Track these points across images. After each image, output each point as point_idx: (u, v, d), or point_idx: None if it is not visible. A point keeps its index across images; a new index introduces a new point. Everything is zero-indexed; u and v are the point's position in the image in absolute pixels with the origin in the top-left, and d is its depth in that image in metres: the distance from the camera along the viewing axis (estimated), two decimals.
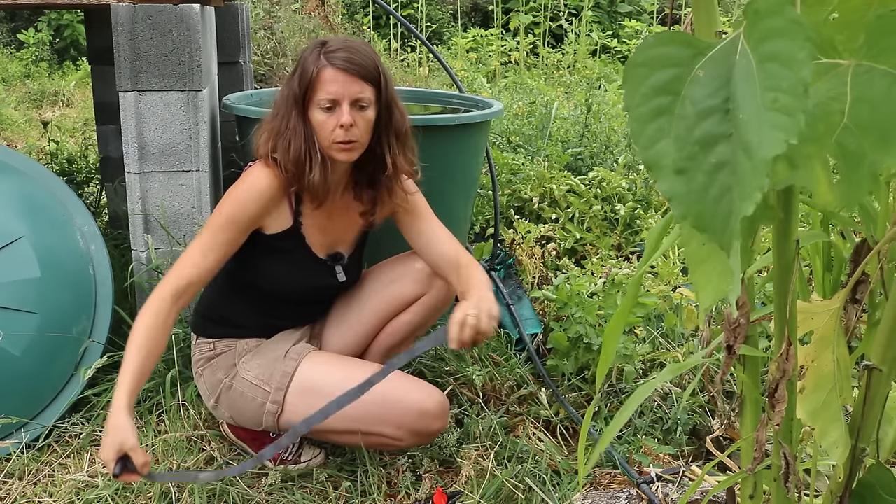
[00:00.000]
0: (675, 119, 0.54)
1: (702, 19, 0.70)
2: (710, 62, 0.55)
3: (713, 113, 0.53)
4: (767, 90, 0.49)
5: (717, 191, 0.52)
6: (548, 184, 3.43)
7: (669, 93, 0.55)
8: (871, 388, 0.85)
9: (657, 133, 0.55)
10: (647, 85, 0.55)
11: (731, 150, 0.51)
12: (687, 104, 0.54)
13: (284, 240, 1.85)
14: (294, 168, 1.77)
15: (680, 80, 0.55)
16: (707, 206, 0.52)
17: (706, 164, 0.52)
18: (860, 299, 0.86)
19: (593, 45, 7.12)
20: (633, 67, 0.56)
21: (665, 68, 0.55)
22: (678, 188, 0.54)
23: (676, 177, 0.54)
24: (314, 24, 6.05)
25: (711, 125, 0.53)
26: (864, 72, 0.51)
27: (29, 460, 1.94)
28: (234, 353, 1.90)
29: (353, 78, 1.74)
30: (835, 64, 0.53)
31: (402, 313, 2.00)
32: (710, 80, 0.54)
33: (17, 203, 2.15)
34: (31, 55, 7.85)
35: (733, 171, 0.50)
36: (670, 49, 0.56)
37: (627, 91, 0.56)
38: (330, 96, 1.74)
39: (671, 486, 1.87)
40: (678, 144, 0.54)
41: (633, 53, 0.57)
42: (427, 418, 1.80)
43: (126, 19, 2.13)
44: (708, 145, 0.53)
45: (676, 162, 0.53)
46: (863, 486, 0.91)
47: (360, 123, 1.76)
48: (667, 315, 2.45)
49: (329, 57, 1.75)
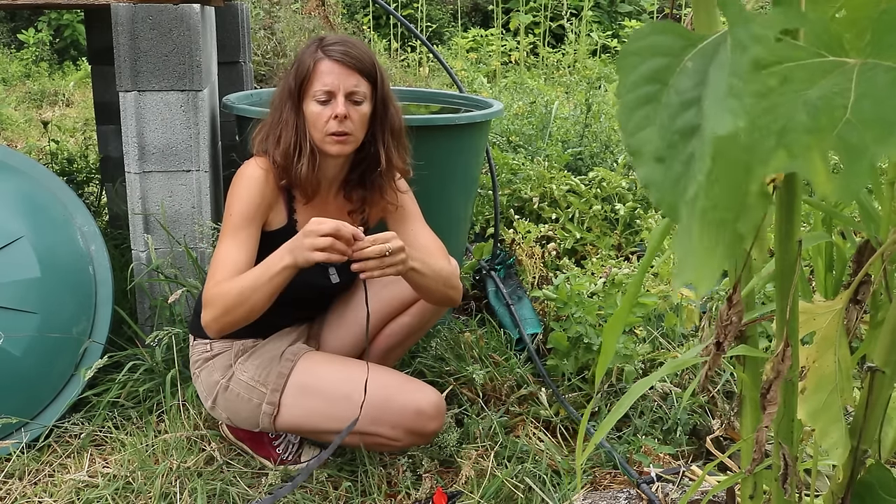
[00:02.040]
0: (660, 108, 0.55)
1: (702, 19, 0.70)
2: (699, 54, 0.55)
3: (693, 104, 0.53)
4: (732, 76, 0.50)
5: (688, 181, 0.52)
6: (548, 184, 3.43)
7: (658, 81, 0.55)
8: (874, 389, 0.85)
9: (643, 120, 0.55)
10: (637, 73, 0.56)
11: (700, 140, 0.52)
12: (672, 94, 0.54)
13: (280, 237, 1.85)
14: (282, 160, 1.78)
15: (669, 69, 0.55)
16: (678, 196, 0.53)
17: (683, 154, 0.53)
18: (862, 300, 0.86)
19: (593, 45, 7.12)
20: (625, 55, 0.57)
21: (656, 57, 0.56)
22: (656, 176, 0.54)
23: (656, 164, 0.54)
24: (314, 24, 6.05)
25: (691, 116, 0.53)
26: (869, 68, 0.51)
27: (29, 460, 1.94)
28: (230, 353, 1.90)
29: (349, 70, 1.76)
30: (841, 62, 0.53)
31: (400, 315, 2.00)
32: (695, 72, 0.54)
33: (17, 203, 2.15)
34: (31, 55, 7.86)
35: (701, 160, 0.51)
36: (663, 38, 0.56)
37: (619, 78, 0.56)
38: (326, 87, 1.75)
39: (671, 486, 1.87)
40: (661, 133, 0.54)
41: (627, 41, 0.57)
42: (423, 418, 1.80)
43: (126, 19, 2.12)
44: (686, 136, 0.53)
45: (658, 150, 0.54)
46: (862, 487, 0.91)
47: (355, 117, 1.77)
48: (667, 315, 2.45)
49: (326, 50, 1.77)
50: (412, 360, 2.30)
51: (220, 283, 1.71)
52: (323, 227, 1.60)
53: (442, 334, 2.36)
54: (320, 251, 1.60)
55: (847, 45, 0.53)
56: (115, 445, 2.00)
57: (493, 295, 2.70)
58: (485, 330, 2.50)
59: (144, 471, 1.86)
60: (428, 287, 1.81)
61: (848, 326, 0.86)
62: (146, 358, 2.17)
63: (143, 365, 2.15)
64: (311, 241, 1.61)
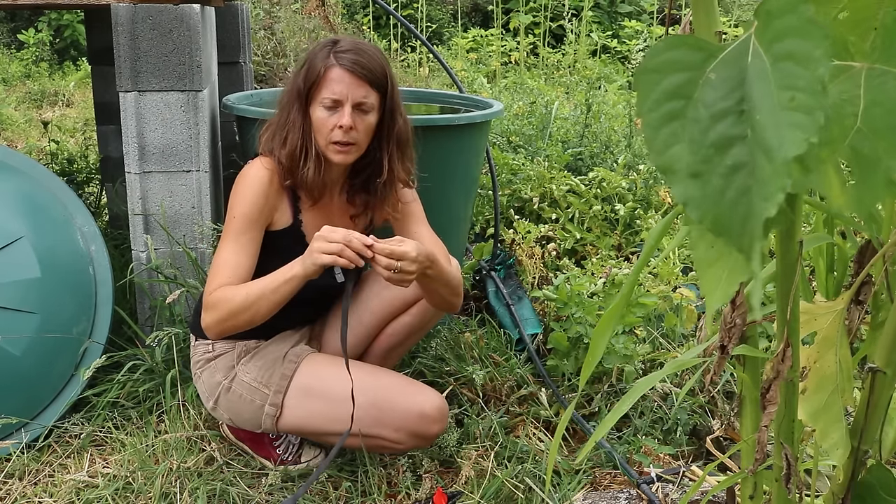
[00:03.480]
0: (688, 123, 0.54)
1: (701, 19, 0.69)
2: (722, 64, 0.54)
3: (727, 115, 0.52)
4: (783, 89, 0.49)
5: (735, 193, 0.51)
6: (548, 184, 3.43)
7: (681, 97, 0.55)
8: (875, 390, 0.85)
9: (670, 138, 0.54)
10: (658, 90, 0.55)
11: (748, 152, 0.50)
12: (700, 107, 0.54)
13: (285, 237, 1.85)
14: (287, 161, 1.78)
15: (692, 83, 0.55)
16: (724, 209, 0.52)
17: (721, 167, 0.52)
18: (864, 301, 0.86)
19: (593, 46, 7.12)
20: (643, 73, 0.56)
21: (676, 72, 0.55)
22: (693, 192, 0.53)
23: (691, 181, 0.53)
24: (314, 25, 6.04)
25: (725, 127, 0.52)
26: (878, 75, 0.50)
27: (29, 460, 1.94)
28: (232, 354, 1.90)
29: (359, 81, 1.75)
30: (847, 66, 0.52)
31: (402, 315, 2.00)
32: (722, 83, 0.53)
33: (17, 203, 2.15)
34: (31, 55, 7.85)
35: (751, 173, 0.50)
36: (680, 53, 0.56)
37: (639, 97, 0.56)
38: (334, 96, 1.74)
39: (671, 486, 1.87)
40: (692, 148, 0.53)
41: (643, 59, 0.57)
42: (426, 421, 1.80)
43: (126, 19, 2.12)
44: (723, 148, 0.52)
45: (691, 166, 0.53)
46: (863, 487, 0.90)
47: (360, 127, 1.77)
48: (667, 315, 2.44)
49: (338, 56, 1.75)
50: (412, 361, 2.30)
51: (224, 287, 1.71)
52: (334, 234, 1.64)
53: (442, 334, 2.36)
54: (328, 255, 1.62)
55: (852, 49, 0.53)
56: (115, 445, 1.99)
57: (493, 295, 2.70)
58: (485, 330, 2.50)
59: (144, 471, 1.86)
60: (435, 291, 1.85)
61: (849, 327, 0.86)
62: (146, 358, 2.17)
63: (143, 365, 2.15)
64: (320, 245, 1.63)
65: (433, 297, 1.88)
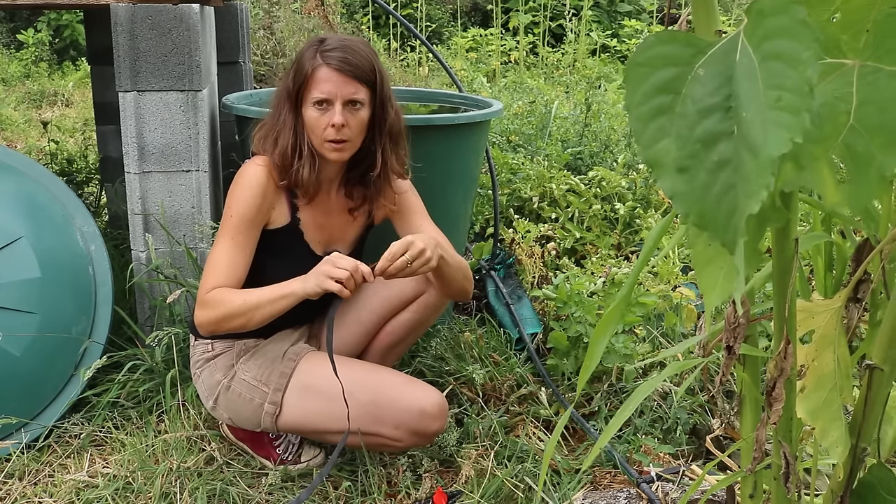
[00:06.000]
0: (675, 118, 0.54)
1: (701, 18, 0.69)
2: (711, 60, 0.55)
3: (714, 111, 0.53)
4: (771, 88, 0.49)
5: (720, 189, 0.51)
6: (547, 183, 3.43)
7: (670, 91, 0.55)
8: (873, 387, 0.85)
9: (658, 132, 0.54)
10: (647, 84, 0.55)
11: (734, 148, 0.51)
12: (688, 102, 0.54)
13: (283, 236, 1.85)
14: (281, 161, 1.79)
15: (680, 78, 0.55)
16: (709, 205, 0.52)
17: (708, 163, 0.52)
18: (862, 298, 0.86)
19: (593, 45, 7.12)
20: (633, 67, 0.56)
21: (665, 67, 0.55)
22: (680, 187, 0.53)
23: (678, 175, 0.53)
24: (314, 24, 6.04)
25: (712, 123, 0.52)
26: (870, 72, 0.50)
27: (29, 460, 1.94)
28: (232, 353, 1.90)
29: (347, 79, 1.75)
30: (839, 64, 0.52)
31: (402, 312, 2.00)
32: (710, 79, 0.54)
33: (17, 203, 2.15)
34: (30, 55, 7.85)
35: (736, 169, 0.50)
36: (671, 48, 0.56)
37: (628, 90, 0.56)
38: (323, 95, 1.75)
39: (671, 485, 1.87)
40: (679, 143, 0.53)
41: (633, 53, 0.57)
42: (426, 419, 1.80)
43: (126, 19, 2.12)
44: (709, 143, 0.52)
45: (678, 160, 0.53)
46: (863, 486, 0.90)
47: (353, 124, 1.77)
48: (667, 315, 2.44)
49: (325, 55, 1.76)
50: (412, 360, 2.30)
51: (223, 288, 1.72)
52: (343, 261, 1.66)
53: (442, 334, 2.36)
54: (334, 281, 1.65)
55: (844, 47, 0.53)
56: (115, 445, 2.00)
57: (492, 294, 2.70)
58: (485, 330, 2.50)
59: (144, 471, 1.87)
60: (451, 277, 1.86)
61: (847, 325, 0.86)
62: (146, 358, 2.17)
63: (142, 365, 2.15)
64: (328, 269, 1.65)
65: (450, 285, 1.90)
